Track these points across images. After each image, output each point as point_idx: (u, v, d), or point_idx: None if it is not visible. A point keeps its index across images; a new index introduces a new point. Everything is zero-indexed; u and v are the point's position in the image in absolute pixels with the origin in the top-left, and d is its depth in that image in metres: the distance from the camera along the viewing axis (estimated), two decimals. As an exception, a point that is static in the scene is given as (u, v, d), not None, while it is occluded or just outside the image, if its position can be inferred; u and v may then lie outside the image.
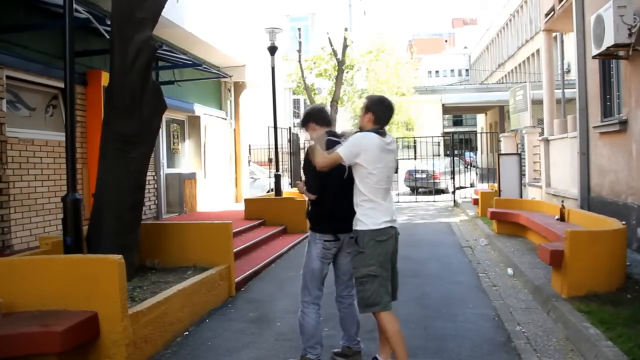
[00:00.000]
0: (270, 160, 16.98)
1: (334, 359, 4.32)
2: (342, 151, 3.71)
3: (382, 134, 3.82)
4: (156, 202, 11.31)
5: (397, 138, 24.03)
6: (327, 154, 3.77)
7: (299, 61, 20.91)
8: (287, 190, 15.42)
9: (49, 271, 4.10)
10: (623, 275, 5.90)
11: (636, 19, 7.20)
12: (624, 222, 6.41)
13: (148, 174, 6.47)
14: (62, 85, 5.69)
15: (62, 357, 3.66)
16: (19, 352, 3.56)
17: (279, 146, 13.32)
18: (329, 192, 3.98)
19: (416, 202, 18.12)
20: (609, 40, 7.40)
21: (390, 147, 3.85)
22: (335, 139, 4.03)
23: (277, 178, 12.97)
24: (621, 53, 7.74)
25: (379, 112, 3.87)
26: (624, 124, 7.98)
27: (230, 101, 15.81)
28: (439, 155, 21.28)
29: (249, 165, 18.32)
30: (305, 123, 4.23)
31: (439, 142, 20.97)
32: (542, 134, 13.54)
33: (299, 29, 21.36)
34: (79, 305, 3.94)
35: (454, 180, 18.01)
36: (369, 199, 3.75)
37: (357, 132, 3.93)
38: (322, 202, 4.01)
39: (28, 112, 7.73)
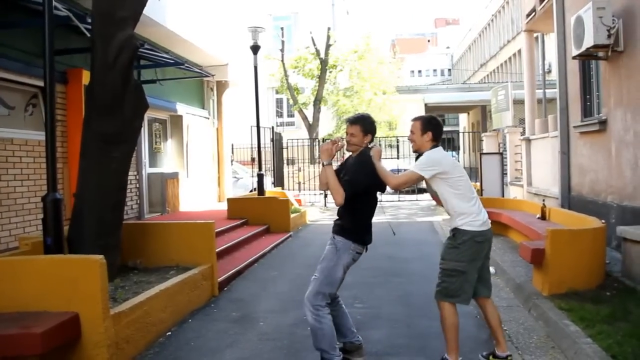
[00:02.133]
0: (253, 159, 16.92)
1: None
2: (421, 170, 3.95)
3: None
4: (138, 201, 11.21)
5: (379, 137, 24.19)
6: (396, 175, 4.10)
7: (282, 60, 20.87)
8: (270, 189, 15.39)
9: (29, 272, 4.04)
10: (602, 273, 5.98)
11: (615, 21, 7.31)
12: (603, 221, 6.50)
13: (130, 173, 6.41)
14: (42, 83, 5.62)
15: (42, 359, 3.62)
16: (-2, 354, 3.51)
17: (262, 145, 13.30)
18: (372, 206, 4.15)
19: (399, 201, 18.18)
20: (588, 41, 7.49)
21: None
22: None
23: (260, 177, 12.95)
24: (600, 54, 7.85)
25: (434, 129, 4.06)
26: (603, 123, 8.09)
27: (213, 100, 15.72)
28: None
29: (232, 164, 18.25)
30: (365, 127, 4.14)
31: (421, 142, 20.98)
32: (523, 133, 13.68)
33: (282, 28, 21.35)
34: (60, 307, 3.89)
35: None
36: (467, 204, 3.94)
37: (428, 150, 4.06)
38: (364, 214, 4.10)
39: (7, 111, 7.62)
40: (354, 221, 4.07)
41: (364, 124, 4.13)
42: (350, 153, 4.25)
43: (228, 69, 14.64)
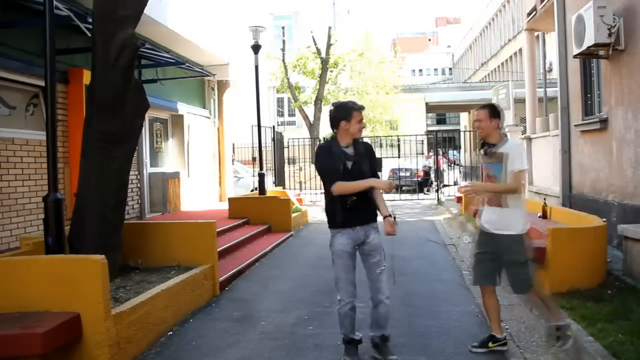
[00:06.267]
0: (254, 159, 16.92)
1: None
2: (525, 164, 4.16)
3: None
4: (139, 201, 11.22)
5: (380, 137, 24.18)
6: (514, 181, 4.12)
7: (283, 60, 20.84)
8: (271, 189, 15.39)
9: (30, 272, 4.05)
10: (604, 272, 5.98)
11: (616, 19, 7.31)
12: (604, 219, 6.49)
13: (131, 173, 6.42)
14: (43, 83, 5.63)
15: (44, 359, 3.61)
16: (0, 354, 3.51)
17: (263, 145, 13.30)
18: None
19: (400, 200, 18.19)
20: (589, 40, 7.49)
21: None
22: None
23: (261, 177, 12.95)
24: (601, 52, 7.84)
25: (500, 116, 4.26)
26: (604, 122, 8.08)
27: (214, 100, 15.72)
28: (422, 154, 21.35)
29: (233, 164, 18.25)
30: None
31: (422, 141, 21.02)
32: (524, 132, 13.66)
33: (283, 28, 21.29)
34: (61, 307, 3.90)
35: (437, 178, 18.09)
36: (521, 201, 4.19)
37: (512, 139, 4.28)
38: None
39: (8, 111, 7.62)
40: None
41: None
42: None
43: (229, 68, 14.63)
